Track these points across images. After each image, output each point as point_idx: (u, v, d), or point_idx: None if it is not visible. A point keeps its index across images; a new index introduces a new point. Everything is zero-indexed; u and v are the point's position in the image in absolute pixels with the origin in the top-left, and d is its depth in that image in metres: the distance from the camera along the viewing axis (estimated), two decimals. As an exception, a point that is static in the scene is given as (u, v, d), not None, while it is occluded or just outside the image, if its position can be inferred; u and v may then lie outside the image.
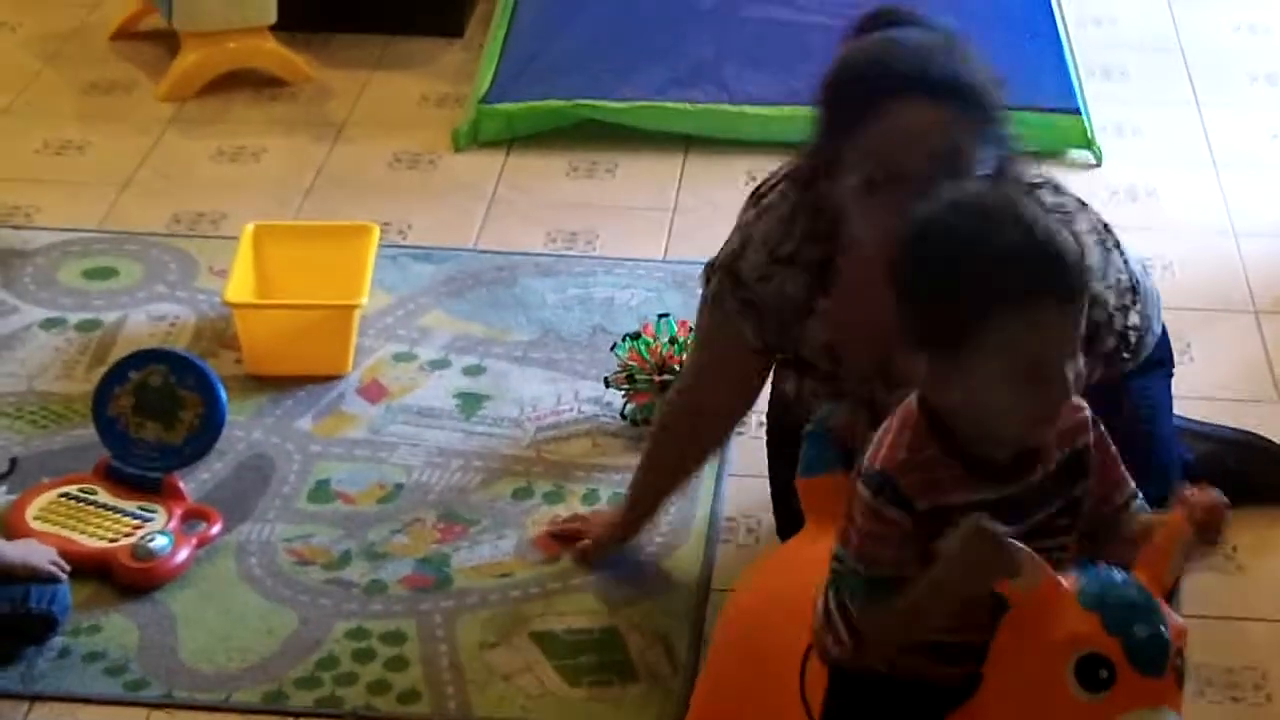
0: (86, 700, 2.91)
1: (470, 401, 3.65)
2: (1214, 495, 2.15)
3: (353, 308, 3.67)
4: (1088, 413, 2.10)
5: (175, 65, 4.86)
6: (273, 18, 4.85)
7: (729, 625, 2.61)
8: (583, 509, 3.33)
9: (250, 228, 3.86)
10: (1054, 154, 4.38)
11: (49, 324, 3.88)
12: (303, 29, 5.06)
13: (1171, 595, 2.07)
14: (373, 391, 3.68)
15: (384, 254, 4.00)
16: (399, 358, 3.78)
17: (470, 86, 4.70)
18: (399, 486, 3.40)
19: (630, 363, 3.50)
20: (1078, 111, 4.43)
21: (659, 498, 3.10)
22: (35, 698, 2.91)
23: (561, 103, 4.58)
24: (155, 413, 3.37)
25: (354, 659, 3.00)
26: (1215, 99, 4.82)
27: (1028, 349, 1.92)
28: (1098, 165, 4.43)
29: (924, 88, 2.36)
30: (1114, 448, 2.14)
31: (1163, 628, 1.97)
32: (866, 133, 2.38)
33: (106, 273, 4.07)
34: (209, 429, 3.36)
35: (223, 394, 3.37)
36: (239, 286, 3.71)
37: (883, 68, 2.41)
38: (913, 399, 2.05)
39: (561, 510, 3.33)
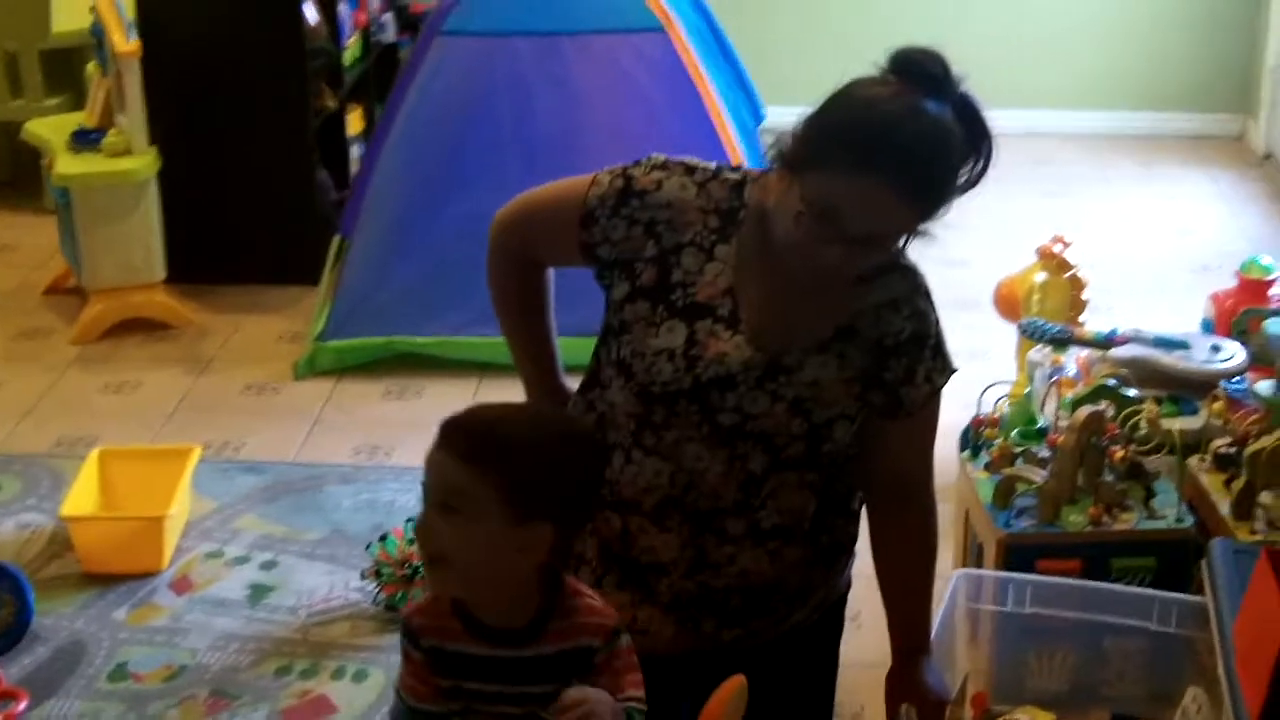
0: None
1: (258, 592, 3.53)
2: (733, 683, 1.98)
3: (160, 519, 3.56)
4: (612, 624, 1.93)
5: (83, 315, 4.80)
6: (160, 275, 4.79)
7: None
8: (332, 684, 3.21)
9: (95, 453, 3.78)
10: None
11: (-70, 533, 3.78)
12: (196, 280, 4.99)
13: None
14: (181, 585, 3.56)
15: (215, 467, 3.91)
16: (210, 555, 3.67)
17: (313, 326, 4.62)
18: (183, 668, 3.28)
19: (380, 560, 3.38)
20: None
21: (524, 337, 2.49)
22: None
23: (380, 339, 4.51)
24: (-23, 610, 3.27)
25: (105, 823, 2.87)
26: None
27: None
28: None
29: (906, 187, 2.03)
30: (632, 671, 1.95)
31: None
32: (833, 178, 2.03)
33: (-9, 488, 3.98)
34: (18, 625, 3.29)
35: (31, 597, 3.28)
36: (76, 501, 3.63)
37: (886, 143, 2.01)
38: None
39: (312, 685, 3.19)
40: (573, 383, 2.37)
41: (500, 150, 4.37)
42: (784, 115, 2.20)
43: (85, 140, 4.66)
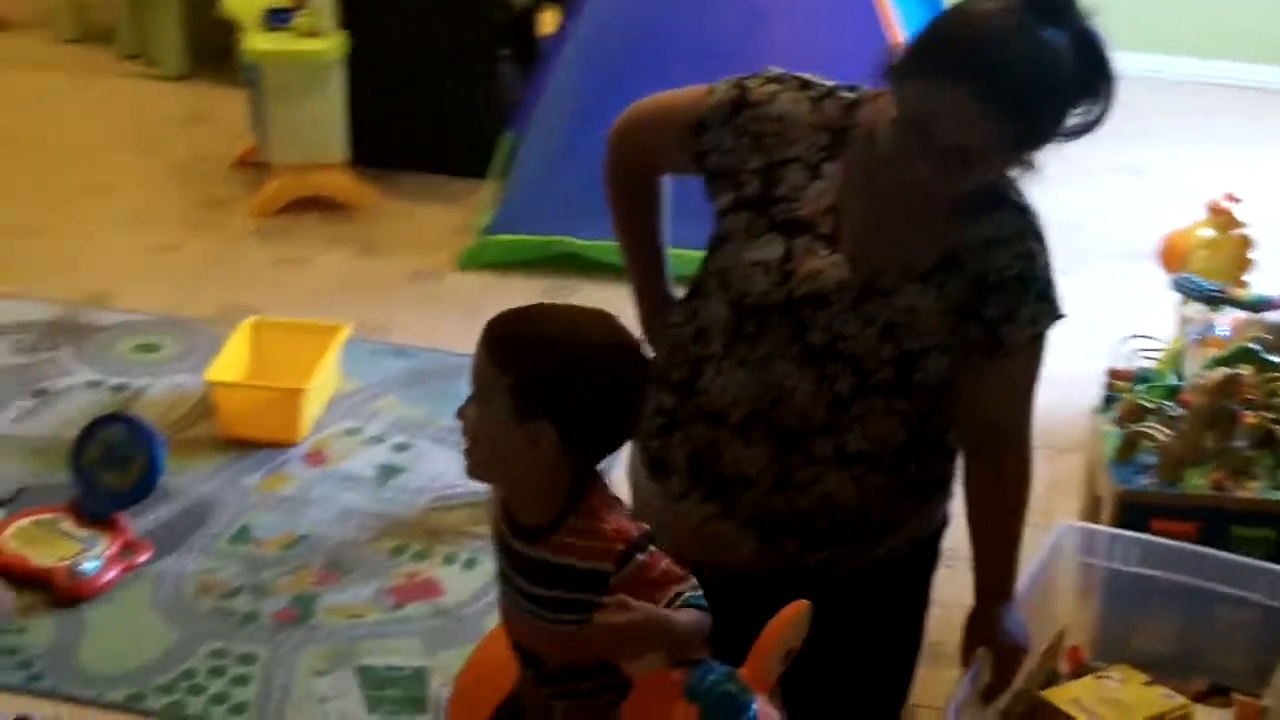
0: (-9, 686, 2.90)
1: (387, 472, 3.59)
2: (796, 606, 1.96)
3: (300, 391, 3.63)
4: (621, 549, 1.88)
5: (265, 188, 4.89)
6: (341, 156, 4.86)
7: (465, 671, 2.50)
8: (442, 568, 3.26)
9: (248, 321, 3.86)
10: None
11: (91, 385, 3.91)
12: (376, 165, 5.06)
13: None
14: (315, 458, 3.64)
15: (366, 347, 3.98)
16: (347, 432, 3.74)
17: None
18: (303, 537, 3.36)
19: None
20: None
21: (637, 242, 2.49)
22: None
23: (543, 237, 4.52)
24: (114, 463, 3.37)
25: (209, 674, 2.96)
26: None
27: None
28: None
29: (998, 104, 1.96)
30: (669, 574, 1.91)
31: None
32: (927, 86, 1.98)
33: (151, 348, 4.09)
34: (148, 480, 3.37)
35: (161, 453, 3.37)
36: (223, 368, 3.71)
37: (982, 57, 1.95)
38: None
39: (423, 567, 3.25)
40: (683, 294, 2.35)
41: (671, 62, 4.29)
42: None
43: (277, 19, 4.74)
